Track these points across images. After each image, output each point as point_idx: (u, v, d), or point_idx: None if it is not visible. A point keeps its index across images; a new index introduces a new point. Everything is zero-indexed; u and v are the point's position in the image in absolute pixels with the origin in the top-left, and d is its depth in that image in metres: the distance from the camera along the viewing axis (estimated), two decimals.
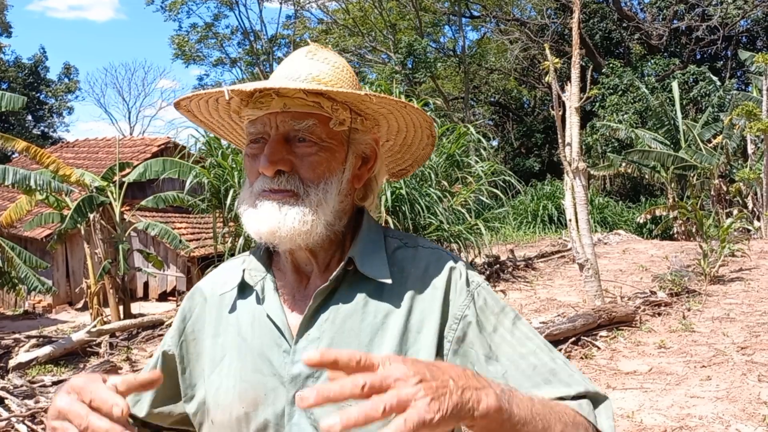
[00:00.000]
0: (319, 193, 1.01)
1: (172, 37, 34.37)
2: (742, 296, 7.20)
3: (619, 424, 3.94)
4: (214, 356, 1.07)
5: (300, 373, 0.98)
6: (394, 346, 0.98)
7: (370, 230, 1.09)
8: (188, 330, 1.12)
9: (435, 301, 1.01)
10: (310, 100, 1.00)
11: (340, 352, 0.72)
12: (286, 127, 1.01)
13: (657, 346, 5.46)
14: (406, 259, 1.07)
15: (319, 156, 1.02)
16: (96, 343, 7.23)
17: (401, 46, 25.50)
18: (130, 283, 10.87)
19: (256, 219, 1.00)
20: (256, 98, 1.02)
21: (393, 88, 10.68)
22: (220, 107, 1.11)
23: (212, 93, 1.04)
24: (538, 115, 30.19)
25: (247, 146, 1.06)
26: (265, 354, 1.02)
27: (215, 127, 1.20)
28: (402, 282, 1.03)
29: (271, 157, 0.99)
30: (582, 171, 6.99)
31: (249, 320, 1.06)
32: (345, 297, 1.02)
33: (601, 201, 20.51)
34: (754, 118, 13.59)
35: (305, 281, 1.07)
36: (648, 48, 26.31)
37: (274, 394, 0.99)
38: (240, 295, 1.09)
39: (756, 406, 4.00)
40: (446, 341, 0.99)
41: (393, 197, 8.86)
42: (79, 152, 16.43)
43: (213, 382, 1.05)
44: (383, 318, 1.00)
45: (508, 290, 9.00)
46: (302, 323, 1.01)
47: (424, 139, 1.17)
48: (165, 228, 9.38)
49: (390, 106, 1.07)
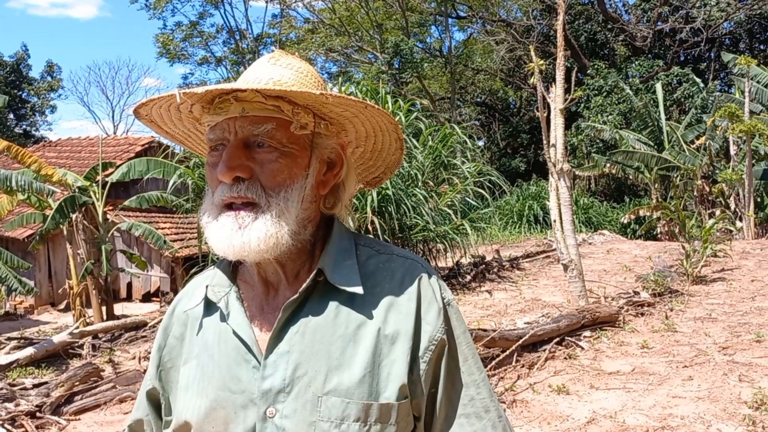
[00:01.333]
0: (281, 202, 0.98)
1: (157, 36, 34.20)
2: (724, 296, 7.27)
3: (602, 425, 3.97)
4: (186, 380, 1.04)
5: (271, 389, 0.96)
6: (368, 358, 0.96)
7: (341, 239, 1.06)
8: (164, 359, 1.10)
9: (409, 314, 1.00)
10: (269, 103, 0.97)
11: None
12: (245, 132, 0.98)
13: (640, 346, 5.49)
14: (379, 268, 1.04)
15: (280, 162, 0.98)
16: (78, 344, 7.15)
17: (388, 46, 25.50)
18: (114, 284, 10.78)
19: (220, 239, 0.97)
20: (216, 104, 0.99)
21: (379, 88, 10.67)
22: (184, 116, 1.07)
23: (164, 98, 1.00)
24: (524, 116, 30.30)
25: (208, 154, 1.03)
26: (233, 371, 0.99)
27: (182, 139, 1.16)
28: (375, 292, 1.01)
29: (230, 163, 0.96)
30: (567, 172, 7.02)
31: (215, 338, 1.03)
32: (315, 308, 0.99)
33: (586, 201, 20.64)
34: (736, 120, 13.74)
35: (274, 293, 1.04)
36: (632, 50, 26.51)
37: (244, 411, 0.97)
38: (206, 312, 1.06)
39: (737, 406, 4.04)
40: (422, 362, 0.99)
41: (379, 198, 8.86)
42: (62, 151, 16.25)
43: (183, 405, 1.03)
44: (355, 329, 0.98)
45: (494, 290, 9.03)
46: (271, 337, 0.98)
47: (393, 143, 1.14)
48: (149, 228, 9.30)
49: (353, 109, 1.03)
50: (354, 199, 8.85)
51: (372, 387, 0.95)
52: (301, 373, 0.95)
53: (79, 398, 5.13)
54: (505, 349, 5.16)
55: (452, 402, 1.01)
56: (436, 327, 1.00)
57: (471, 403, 1.01)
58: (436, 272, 1.08)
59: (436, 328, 1.00)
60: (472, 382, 1.02)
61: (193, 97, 0.98)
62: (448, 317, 1.03)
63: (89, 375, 5.43)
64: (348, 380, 0.95)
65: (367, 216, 8.60)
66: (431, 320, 1.00)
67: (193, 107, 1.02)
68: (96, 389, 5.24)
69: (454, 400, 1.01)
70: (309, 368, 0.96)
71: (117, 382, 5.36)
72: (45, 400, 4.92)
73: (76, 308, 9.01)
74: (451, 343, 1.02)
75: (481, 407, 1.02)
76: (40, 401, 4.90)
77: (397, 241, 9.70)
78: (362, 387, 0.94)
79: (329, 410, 0.93)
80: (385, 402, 0.95)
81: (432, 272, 1.06)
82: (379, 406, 0.94)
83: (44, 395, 5.00)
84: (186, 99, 0.98)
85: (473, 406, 1.01)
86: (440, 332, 1.00)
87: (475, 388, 1.02)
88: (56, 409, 4.94)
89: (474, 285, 9.60)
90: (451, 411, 1.01)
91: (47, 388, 5.11)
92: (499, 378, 4.91)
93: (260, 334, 1.00)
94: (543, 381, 4.83)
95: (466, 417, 1.01)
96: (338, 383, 0.95)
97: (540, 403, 4.41)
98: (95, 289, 9.07)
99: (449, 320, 1.03)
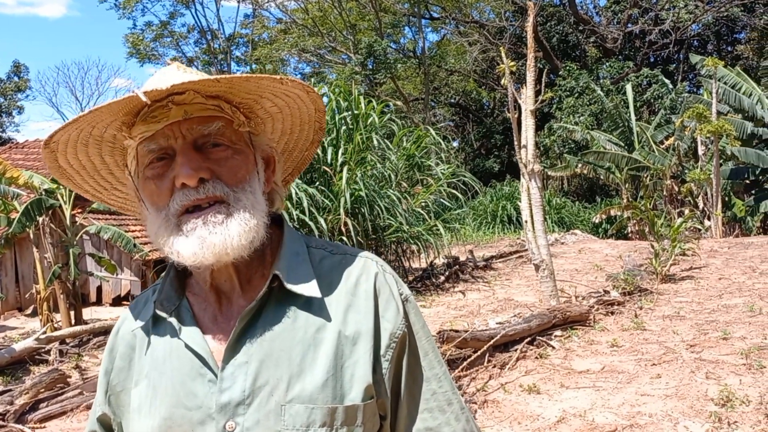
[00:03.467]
0: (249, 195, 0.96)
1: (127, 36, 33.82)
2: (692, 294, 7.39)
3: (572, 424, 4.00)
4: (137, 402, 1.01)
5: (230, 401, 0.93)
6: (329, 361, 0.94)
7: (293, 242, 1.04)
8: (113, 383, 1.06)
9: (368, 314, 0.99)
10: (209, 103, 0.96)
11: None
12: (194, 134, 0.95)
13: (610, 345, 5.55)
14: (333, 269, 1.03)
15: (236, 158, 0.97)
16: (45, 350, 7.01)
17: (361, 47, 25.50)
18: (83, 288, 10.59)
19: (193, 246, 0.92)
20: (147, 113, 0.95)
21: (353, 89, 10.65)
22: (92, 142, 1.00)
23: (80, 119, 0.92)
24: (497, 117, 30.51)
25: (145, 168, 0.97)
26: (187, 387, 0.96)
27: (91, 187, 1.09)
28: (331, 293, 1.00)
29: (191, 165, 0.92)
30: (537, 173, 7.07)
31: (167, 354, 0.99)
32: (272, 316, 0.97)
33: (559, 201, 20.85)
34: (704, 120, 13.98)
35: (227, 302, 1.01)
36: (603, 51, 26.87)
37: (202, 427, 0.94)
38: (154, 330, 1.02)
39: (703, 403, 4.10)
40: (384, 360, 0.98)
41: (352, 199, 8.84)
42: (29, 153, 15.93)
43: (137, 428, 1.00)
44: (315, 333, 0.96)
45: (468, 291, 9.06)
46: (227, 348, 0.95)
47: (311, 136, 1.13)
48: (118, 231, 9.15)
49: (287, 98, 1.03)
50: (327, 200, 8.84)
51: (336, 390, 0.93)
52: (262, 382, 0.93)
53: (45, 405, 5.03)
54: (476, 349, 5.18)
55: (415, 397, 1.01)
56: (396, 324, 0.99)
57: (433, 397, 1.02)
58: (391, 269, 1.07)
59: (395, 325, 0.99)
60: (433, 377, 1.03)
61: (127, 104, 0.92)
62: (407, 313, 1.02)
63: (55, 381, 5.32)
64: (311, 385, 0.93)
65: (341, 218, 8.58)
66: (390, 318, 0.99)
67: (110, 126, 0.97)
68: (62, 396, 5.14)
69: (417, 396, 1.01)
70: (270, 377, 0.93)
71: (84, 389, 5.26)
72: (9, 408, 4.80)
73: (44, 313, 8.83)
74: (411, 338, 1.02)
75: (443, 400, 1.02)
76: (4, 409, 4.79)
77: (371, 242, 9.69)
78: (326, 391, 0.93)
79: (293, 418, 0.91)
80: (351, 404, 0.93)
81: (387, 269, 1.05)
82: (344, 408, 0.93)
83: (8, 403, 4.89)
84: (126, 103, 0.92)
85: (436, 400, 1.02)
86: (400, 329, 0.99)
87: (437, 381, 1.03)
88: (20, 416, 4.83)
89: (448, 285, 9.63)
90: (413, 406, 1.01)
91: (11, 396, 4.99)
92: (471, 378, 4.92)
93: (215, 346, 0.97)
94: (514, 381, 4.85)
95: (429, 411, 1.01)
96: (301, 390, 0.93)
97: (511, 403, 4.43)
98: (63, 293, 8.89)
99: (408, 316, 1.02)
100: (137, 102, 0.90)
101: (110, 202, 1.14)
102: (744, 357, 4.84)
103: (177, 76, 0.97)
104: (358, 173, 9.07)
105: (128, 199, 1.12)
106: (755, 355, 4.85)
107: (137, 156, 0.98)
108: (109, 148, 1.03)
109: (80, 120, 0.92)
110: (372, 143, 9.99)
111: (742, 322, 5.92)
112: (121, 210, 1.16)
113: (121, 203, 1.14)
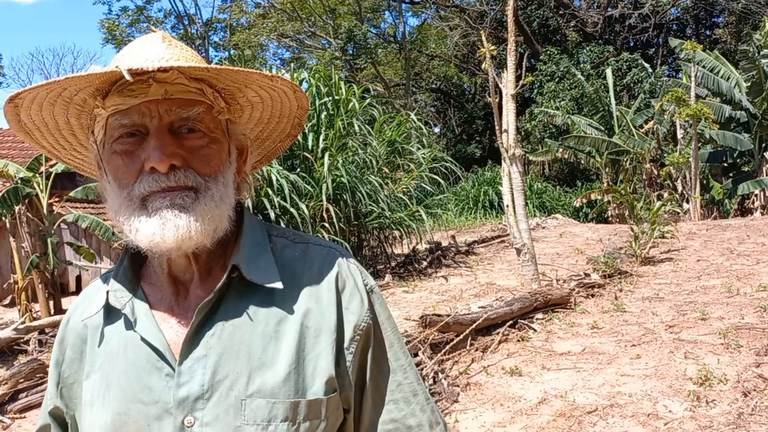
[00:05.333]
0: (220, 187, 0.93)
1: (102, 21, 33.21)
2: (671, 276, 7.48)
3: (553, 404, 4.03)
4: (90, 395, 0.97)
5: (188, 396, 0.90)
6: (291, 353, 0.92)
7: (253, 231, 1.01)
8: (64, 375, 1.02)
9: (331, 305, 0.96)
10: (192, 86, 0.92)
11: None
12: (172, 117, 0.91)
13: (590, 327, 5.61)
14: (296, 258, 1.00)
15: (212, 148, 0.94)
16: (24, 340, 6.93)
17: (341, 32, 25.31)
18: (62, 278, 10.47)
19: (154, 226, 0.88)
20: (126, 85, 0.90)
21: (333, 75, 10.58)
22: (60, 102, 0.95)
23: (48, 84, 0.88)
24: (478, 102, 30.52)
25: (113, 142, 0.93)
26: (143, 381, 0.92)
27: (51, 146, 1.05)
28: (293, 284, 0.97)
29: (164, 150, 0.88)
30: (518, 157, 7.08)
31: (121, 347, 0.95)
32: (232, 308, 0.94)
33: (540, 186, 20.96)
34: (683, 104, 14.10)
35: (184, 293, 0.97)
36: (583, 35, 26.93)
37: (158, 423, 0.90)
38: (107, 321, 0.98)
39: (682, 383, 4.16)
40: (348, 353, 0.96)
41: (334, 186, 8.80)
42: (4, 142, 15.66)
43: (89, 422, 0.96)
44: (276, 325, 0.93)
45: (450, 276, 9.09)
46: (185, 342, 0.91)
47: (287, 129, 1.11)
48: (96, 220, 9.04)
49: (273, 92, 1.00)
50: (308, 186, 8.79)
51: (298, 384, 0.91)
52: (221, 376, 0.90)
53: (24, 396, 4.98)
54: (459, 333, 5.20)
55: (380, 389, 1.00)
56: (361, 316, 0.97)
57: (399, 388, 1.00)
58: (355, 259, 1.05)
59: (360, 317, 0.97)
60: (399, 368, 1.01)
61: (109, 76, 0.89)
62: (372, 304, 1.00)
63: (35, 371, 5.26)
64: (272, 380, 0.90)
65: (323, 204, 8.55)
66: (355, 309, 0.97)
67: (79, 93, 0.93)
68: (42, 386, 5.08)
69: (382, 387, 1.00)
70: (230, 371, 0.90)
71: None
72: None
73: (22, 303, 8.73)
74: (377, 330, 1.00)
75: (409, 392, 1.01)
76: None
77: (353, 228, 9.68)
78: (288, 385, 0.90)
79: (254, 413, 0.89)
80: (314, 398, 0.91)
81: (351, 259, 1.03)
82: (307, 402, 0.91)
83: None
84: (107, 76, 0.89)
85: (401, 391, 1.00)
86: (365, 321, 0.97)
87: (402, 373, 1.01)
88: (0, 407, 4.78)
89: (430, 271, 9.65)
90: (379, 398, 0.99)
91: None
92: (453, 362, 4.95)
93: (172, 338, 0.93)
94: (496, 363, 4.88)
95: (395, 403, 1.00)
96: (262, 384, 0.90)
97: (493, 385, 4.46)
98: (42, 283, 8.78)
99: (373, 307, 1.00)
100: (117, 73, 0.86)
101: (66, 161, 1.08)
102: (722, 337, 4.92)
103: (162, 51, 0.93)
104: (339, 159, 9.03)
105: (86, 162, 1.07)
106: (733, 334, 4.92)
107: (106, 127, 0.93)
108: (77, 111, 0.98)
109: (53, 84, 0.89)
110: (353, 129, 9.94)
111: (720, 302, 6.00)
112: (76, 170, 1.11)
113: (78, 164, 1.09)
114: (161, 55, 0.92)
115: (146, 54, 0.93)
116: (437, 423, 1.03)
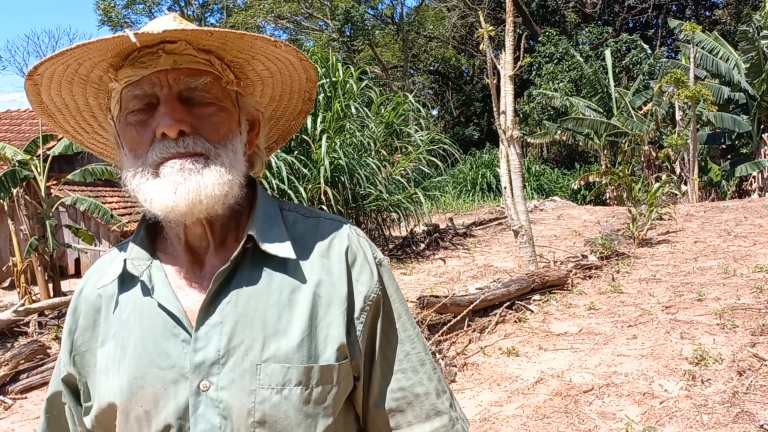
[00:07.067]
0: (230, 153, 0.96)
1: (98, 3, 32.87)
2: (668, 258, 7.51)
3: (549, 384, 4.07)
4: (104, 362, 0.99)
5: (204, 361, 0.93)
6: (305, 322, 0.95)
7: (266, 204, 1.04)
8: (77, 343, 1.04)
9: (341, 276, 0.99)
10: (200, 57, 0.95)
11: None
12: (180, 86, 0.94)
13: (587, 308, 5.64)
14: (307, 231, 1.03)
15: (220, 116, 0.96)
16: (24, 322, 6.96)
17: (338, 13, 25.12)
18: (61, 260, 10.48)
19: (166, 190, 0.91)
20: (137, 57, 0.94)
21: (330, 56, 10.51)
22: (77, 80, 0.99)
23: (68, 52, 0.90)
24: (477, 84, 30.38)
25: (128, 114, 0.96)
26: (160, 346, 0.95)
27: (71, 127, 1.08)
28: (305, 256, 1.00)
29: (174, 116, 0.91)
30: (516, 139, 7.07)
31: (137, 314, 0.98)
32: (246, 277, 0.97)
33: (538, 168, 20.93)
34: (682, 86, 14.06)
35: (200, 262, 1.00)
36: (582, 16, 26.75)
37: (175, 387, 0.93)
38: (122, 289, 1.01)
39: (678, 362, 4.19)
40: (358, 323, 0.99)
41: (332, 168, 8.79)
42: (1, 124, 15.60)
43: (105, 388, 0.98)
44: (289, 294, 0.97)
45: (448, 258, 9.12)
46: (202, 308, 0.94)
47: (299, 105, 1.14)
48: (94, 202, 9.03)
49: (279, 64, 1.03)
50: (306, 169, 8.77)
51: (311, 350, 0.94)
52: (237, 342, 0.93)
53: (25, 377, 5.01)
54: (457, 314, 5.23)
55: (388, 359, 1.03)
56: (370, 287, 1.00)
57: (407, 358, 1.04)
58: (364, 234, 1.08)
59: (370, 288, 1.00)
60: (407, 338, 1.05)
61: (119, 45, 0.91)
62: (381, 276, 1.04)
63: (35, 353, 5.30)
64: (286, 346, 0.93)
65: (320, 186, 8.54)
66: (365, 281, 1.00)
67: (96, 67, 0.96)
68: (43, 367, 5.13)
69: (390, 357, 1.03)
70: (245, 337, 0.93)
71: None
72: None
73: (21, 285, 8.74)
74: (386, 301, 1.04)
75: (416, 361, 1.04)
76: None
77: (351, 210, 9.67)
78: (301, 351, 0.94)
79: (269, 377, 0.92)
80: (326, 363, 0.94)
81: (361, 234, 1.07)
82: (320, 368, 0.94)
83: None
84: (109, 47, 0.92)
85: (409, 361, 1.04)
86: (375, 292, 1.01)
87: (410, 343, 1.05)
88: (1, 388, 4.82)
89: (428, 253, 9.68)
90: (387, 367, 1.03)
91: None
92: (451, 342, 4.98)
93: (189, 305, 0.96)
94: (493, 344, 4.92)
95: (403, 372, 1.03)
96: (277, 349, 0.93)
97: (490, 366, 4.50)
98: (41, 265, 8.79)
99: (382, 279, 1.04)
100: (127, 44, 0.89)
101: (90, 146, 1.12)
102: (718, 317, 4.95)
103: (172, 24, 0.96)
104: (337, 141, 9.01)
105: (108, 145, 1.11)
106: (728, 315, 4.96)
107: (121, 100, 0.96)
108: (94, 90, 1.01)
109: (67, 53, 0.91)
110: (351, 111, 9.91)
111: (716, 283, 6.04)
112: (100, 156, 1.14)
113: (101, 148, 1.13)
114: (168, 27, 0.94)
115: (157, 28, 0.95)
116: (443, 392, 1.07)
